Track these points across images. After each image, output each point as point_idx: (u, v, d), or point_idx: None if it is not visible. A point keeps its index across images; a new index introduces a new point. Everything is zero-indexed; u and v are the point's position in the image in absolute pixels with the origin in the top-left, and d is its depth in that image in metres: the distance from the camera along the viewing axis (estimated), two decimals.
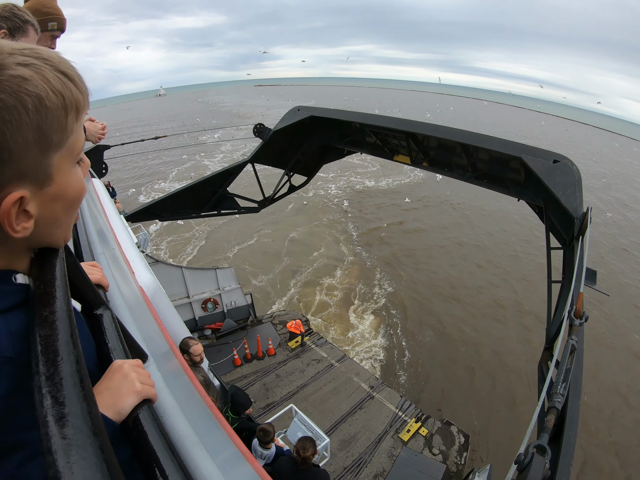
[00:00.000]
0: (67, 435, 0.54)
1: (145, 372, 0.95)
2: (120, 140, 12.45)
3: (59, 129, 0.75)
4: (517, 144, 7.34)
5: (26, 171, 0.73)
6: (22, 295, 0.82)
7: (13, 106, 0.67)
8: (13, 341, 0.73)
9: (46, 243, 0.89)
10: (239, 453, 1.51)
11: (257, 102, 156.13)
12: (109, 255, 2.59)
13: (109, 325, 0.99)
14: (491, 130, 16.62)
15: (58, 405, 0.58)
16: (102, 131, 4.12)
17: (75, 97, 0.78)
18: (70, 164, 0.83)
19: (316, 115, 10.54)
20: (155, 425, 0.76)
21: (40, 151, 0.73)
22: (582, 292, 4.60)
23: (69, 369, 0.64)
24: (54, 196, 0.80)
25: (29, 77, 0.70)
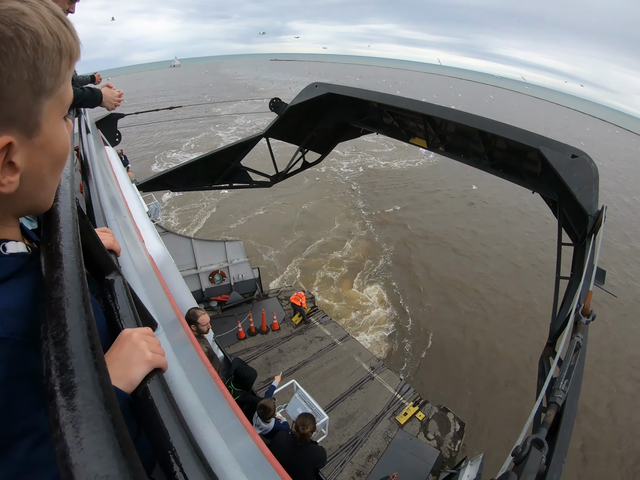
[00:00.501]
0: (77, 406, 0.51)
1: (155, 340, 0.93)
2: (134, 109, 12.37)
3: (52, 72, 0.71)
4: (536, 135, 7.19)
5: (16, 115, 0.68)
6: (13, 266, 0.78)
7: (11, 38, 0.63)
8: (2, 320, 0.68)
9: (29, 208, 0.83)
10: (241, 425, 1.52)
11: (272, 76, 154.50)
12: (121, 222, 2.59)
13: (120, 291, 0.97)
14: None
15: (67, 373, 0.55)
16: (119, 98, 4.10)
17: (69, 42, 0.74)
18: (58, 115, 0.78)
19: (334, 92, 10.38)
20: (165, 396, 0.74)
21: (32, 94, 0.69)
22: (591, 290, 4.56)
23: (80, 335, 0.61)
24: (41, 149, 0.75)
25: (27, 12, 0.66)
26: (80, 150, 3.09)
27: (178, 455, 0.62)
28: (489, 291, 22.25)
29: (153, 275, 2.73)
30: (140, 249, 3.19)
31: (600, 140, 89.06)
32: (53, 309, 0.64)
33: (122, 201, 3.74)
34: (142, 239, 3.72)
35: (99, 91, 3.91)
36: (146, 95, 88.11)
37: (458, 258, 25.29)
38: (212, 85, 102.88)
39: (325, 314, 15.12)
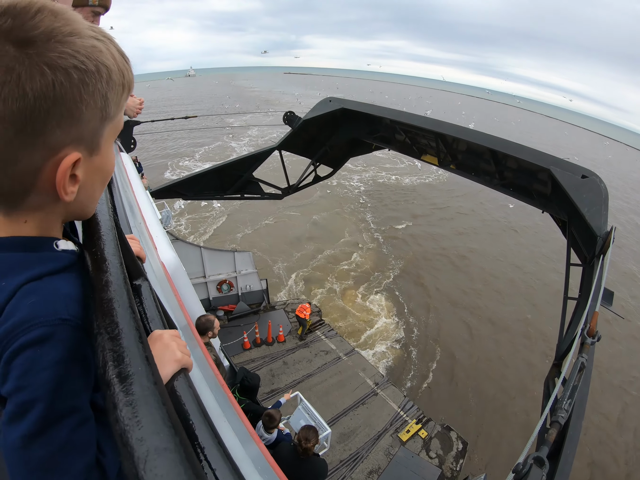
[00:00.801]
0: (135, 392, 0.58)
1: (182, 342, 0.99)
2: (150, 117, 12.58)
3: (116, 102, 0.83)
4: (547, 155, 7.21)
5: (86, 135, 0.79)
6: (66, 260, 0.87)
7: (92, 72, 0.74)
8: (67, 303, 0.78)
9: (77, 215, 0.94)
10: (247, 432, 1.56)
11: (285, 89, 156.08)
12: (136, 228, 2.67)
13: (148, 295, 1.04)
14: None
15: (124, 364, 0.62)
16: (139, 106, 4.20)
17: (130, 78, 0.86)
18: (112, 138, 0.89)
19: (348, 107, 10.48)
20: (191, 393, 0.80)
21: (101, 119, 0.80)
22: (598, 311, 4.55)
23: (132, 333, 0.69)
24: (97, 166, 0.86)
25: (103, 50, 0.77)
26: None
27: (204, 446, 0.68)
28: (496, 308, 22.12)
29: (165, 282, 2.80)
30: (154, 255, 3.26)
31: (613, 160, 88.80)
32: (105, 310, 0.72)
33: (136, 207, 3.82)
34: (155, 246, 3.80)
35: None
36: (161, 104, 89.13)
37: (465, 276, 25.21)
38: (230, 97, 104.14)
39: (332, 328, 15.09)
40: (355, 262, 25.42)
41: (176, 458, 0.51)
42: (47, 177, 0.76)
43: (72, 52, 0.72)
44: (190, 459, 0.53)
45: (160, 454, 0.50)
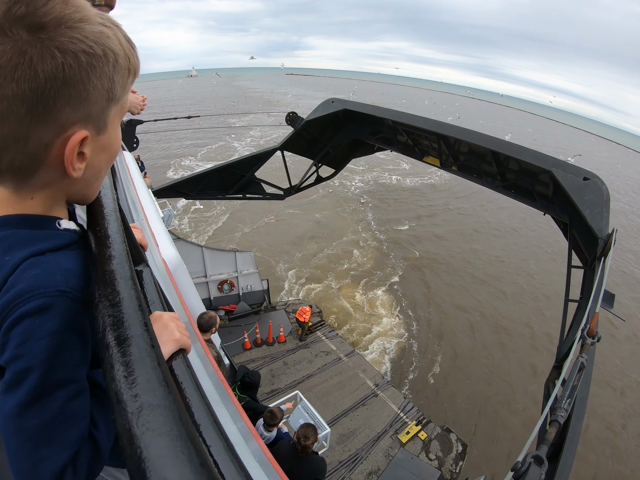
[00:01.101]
0: (132, 353, 0.60)
1: (181, 324, 1.01)
2: (153, 117, 12.62)
3: (122, 85, 0.88)
4: (549, 157, 7.21)
5: (93, 114, 0.83)
6: (67, 238, 0.92)
7: (100, 56, 0.79)
8: (66, 276, 0.81)
9: (81, 195, 0.98)
10: (247, 429, 1.57)
11: (288, 89, 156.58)
12: (139, 225, 2.68)
13: (149, 280, 1.06)
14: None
15: (123, 328, 0.65)
16: (143, 103, 4.22)
17: (136, 63, 0.92)
18: (118, 119, 0.95)
19: (350, 109, 10.50)
20: (188, 373, 0.82)
21: (107, 100, 0.85)
22: (598, 312, 4.54)
23: (132, 300, 0.71)
24: (103, 145, 0.91)
25: (110, 35, 0.82)
26: None
27: (199, 423, 0.70)
28: (498, 309, 22.12)
29: (167, 279, 2.81)
30: (155, 252, 3.27)
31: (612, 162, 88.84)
32: (108, 279, 0.75)
33: (139, 205, 3.84)
34: (156, 243, 3.81)
35: None
36: (163, 104, 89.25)
37: (466, 276, 25.19)
38: (234, 102, 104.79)
39: (332, 329, 15.09)
40: (356, 261, 25.50)
41: (169, 414, 0.53)
42: (56, 154, 0.81)
43: (81, 37, 0.76)
44: (183, 417, 0.54)
45: (154, 409, 0.52)
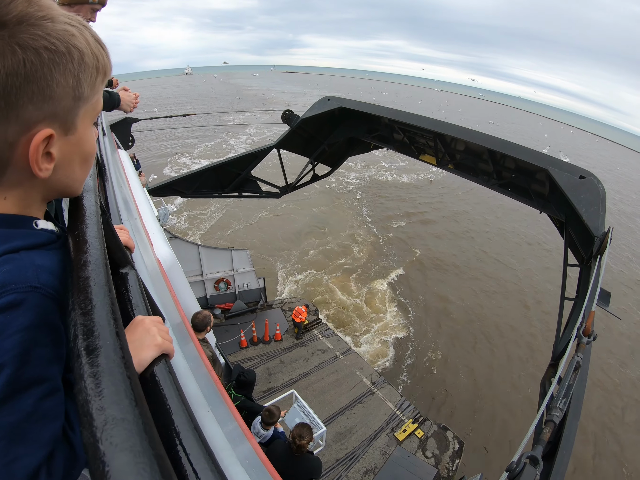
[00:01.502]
0: (100, 363, 0.59)
1: (165, 328, 1.00)
2: (148, 115, 12.58)
3: (90, 84, 0.88)
4: (545, 155, 7.20)
5: (59, 113, 0.83)
6: (44, 238, 0.91)
7: (63, 53, 0.79)
8: (37, 272, 0.80)
9: (59, 193, 0.98)
10: (239, 430, 1.55)
11: (284, 87, 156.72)
12: (132, 224, 2.66)
13: (134, 283, 1.04)
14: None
15: (93, 337, 0.64)
16: (135, 100, 4.22)
17: (105, 62, 0.91)
18: (90, 120, 0.94)
19: (346, 107, 10.47)
20: (170, 379, 0.81)
21: (74, 98, 0.84)
22: (594, 311, 4.54)
23: (104, 309, 0.70)
24: (74, 146, 0.90)
25: (76, 34, 0.83)
26: (97, 152, 3.20)
27: (179, 430, 0.69)
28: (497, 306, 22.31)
29: (160, 278, 2.79)
30: (149, 251, 3.25)
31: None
32: (81, 286, 0.74)
33: (133, 204, 3.82)
34: (150, 242, 3.79)
35: (117, 94, 4.03)
36: (159, 102, 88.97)
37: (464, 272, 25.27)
38: (233, 101, 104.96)
39: (328, 327, 15.10)
40: (353, 256, 25.79)
41: (133, 428, 0.52)
42: (22, 153, 0.80)
43: (43, 34, 0.77)
44: (149, 430, 0.53)
45: (118, 423, 0.51)
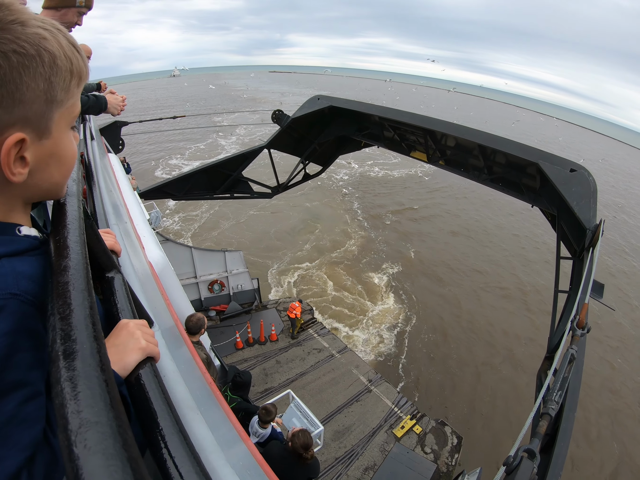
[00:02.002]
0: (76, 367, 0.60)
1: (149, 331, 1.00)
2: (138, 118, 12.55)
3: (64, 88, 0.87)
4: (535, 149, 7.24)
5: (31, 117, 0.82)
6: (26, 244, 0.90)
7: (33, 56, 0.79)
8: (17, 280, 0.80)
9: (40, 197, 0.97)
10: (235, 431, 1.55)
11: (272, 87, 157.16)
12: (122, 228, 2.64)
13: (120, 287, 1.04)
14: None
15: (70, 342, 0.64)
16: (122, 103, 4.20)
17: (80, 66, 0.90)
18: (67, 124, 0.93)
19: (336, 105, 10.48)
20: (155, 382, 0.81)
21: (46, 102, 0.84)
22: (587, 303, 4.56)
23: (82, 313, 0.70)
24: (49, 151, 0.89)
25: (48, 37, 0.82)
26: (85, 156, 3.19)
27: (164, 433, 0.69)
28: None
29: (152, 281, 2.77)
30: (140, 255, 3.23)
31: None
32: (60, 291, 0.74)
33: (123, 208, 3.79)
34: (142, 246, 3.77)
35: (104, 98, 4.02)
36: (146, 105, 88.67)
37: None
38: (221, 96, 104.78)
39: (324, 326, 15.09)
40: (345, 250, 26.20)
41: (106, 431, 0.52)
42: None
43: (12, 38, 0.77)
44: (122, 433, 0.54)
45: (92, 426, 0.52)
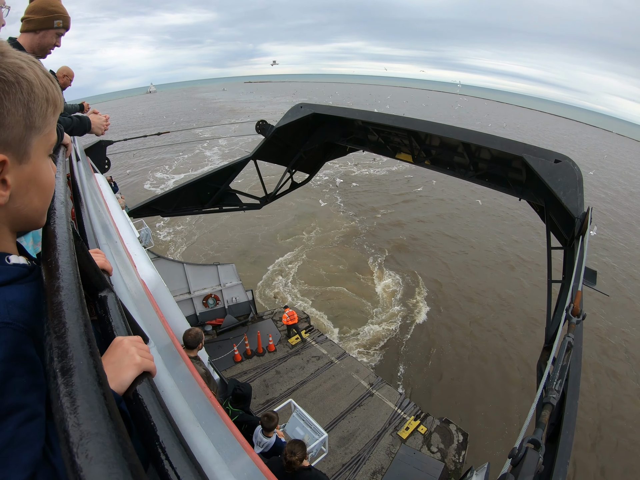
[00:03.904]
0: (74, 383, 0.61)
1: (144, 347, 1.01)
2: (122, 136, 12.57)
3: (41, 114, 0.92)
4: (519, 143, 7.31)
5: (11, 141, 0.86)
6: (16, 273, 0.92)
7: (12, 82, 0.84)
8: (8, 309, 0.82)
9: (23, 223, 0.99)
10: (237, 443, 1.55)
11: (249, 97, 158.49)
12: (112, 247, 2.63)
13: (113, 306, 1.05)
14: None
15: (67, 359, 0.66)
16: (106, 123, 4.21)
17: (55, 95, 0.96)
18: (44, 151, 0.97)
19: (319, 112, 10.52)
20: (153, 396, 0.82)
21: (25, 127, 0.88)
22: (581, 290, 4.60)
23: (77, 331, 0.72)
24: (29, 176, 0.92)
25: (25, 67, 0.88)
26: (71, 177, 3.19)
27: (164, 445, 0.70)
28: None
29: (146, 299, 2.76)
30: (133, 273, 3.22)
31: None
32: (55, 311, 0.76)
33: (113, 227, 3.78)
34: (133, 264, 3.75)
35: (87, 118, 4.03)
36: (127, 123, 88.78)
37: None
38: (196, 110, 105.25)
39: (321, 333, 15.06)
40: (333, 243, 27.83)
41: (107, 442, 0.54)
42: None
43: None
44: (122, 442, 0.55)
45: (92, 438, 0.54)
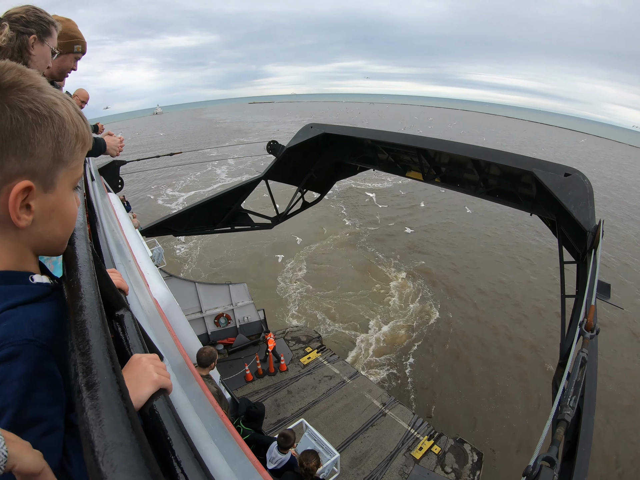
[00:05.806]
0: (99, 397, 0.65)
1: (161, 364, 1.04)
2: (136, 156, 12.80)
3: (69, 149, 0.97)
4: (528, 158, 7.32)
5: (39, 171, 0.91)
6: (39, 292, 0.97)
7: (45, 116, 0.90)
8: (32, 327, 0.87)
9: (45, 248, 1.04)
10: (249, 462, 1.56)
11: (254, 118, 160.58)
12: (126, 267, 2.68)
13: (130, 324, 1.09)
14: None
15: (91, 375, 0.70)
16: (120, 144, 4.31)
17: (84, 132, 1.01)
18: (70, 184, 1.02)
19: (329, 132, 10.64)
20: (169, 412, 0.85)
21: (53, 160, 0.93)
22: (594, 305, 4.54)
23: (101, 348, 0.76)
24: (53, 205, 0.97)
25: (59, 103, 0.94)
26: (87, 197, 3.27)
27: (180, 459, 0.73)
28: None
29: (158, 318, 2.80)
30: (145, 292, 3.27)
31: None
32: (78, 330, 0.81)
33: (126, 247, 3.85)
34: (146, 283, 3.81)
35: (102, 140, 4.12)
36: (138, 143, 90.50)
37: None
38: (208, 130, 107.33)
39: (334, 353, 14.96)
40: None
41: (130, 452, 0.57)
42: (2, 201, 0.88)
43: (30, 99, 0.88)
44: (145, 453, 0.58)
45: (117, 448, 0.57)
